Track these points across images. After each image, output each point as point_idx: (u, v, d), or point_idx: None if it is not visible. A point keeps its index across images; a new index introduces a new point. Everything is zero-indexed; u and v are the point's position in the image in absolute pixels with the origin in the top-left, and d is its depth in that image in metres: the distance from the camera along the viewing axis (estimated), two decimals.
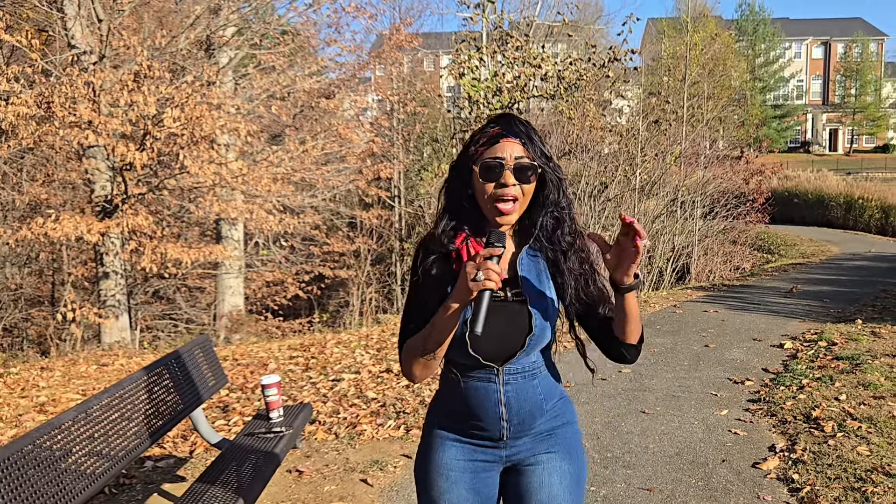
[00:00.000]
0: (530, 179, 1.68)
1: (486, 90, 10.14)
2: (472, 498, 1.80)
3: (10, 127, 8.60)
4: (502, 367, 1.73)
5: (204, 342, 3.97)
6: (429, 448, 1.85)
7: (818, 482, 3.63)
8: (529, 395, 1.76)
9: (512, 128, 1.70)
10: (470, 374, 1.75)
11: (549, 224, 1.76)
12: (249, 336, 11.43)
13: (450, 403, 1.82)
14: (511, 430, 1.77)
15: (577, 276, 1.77)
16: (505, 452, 1.81)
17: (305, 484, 3.93)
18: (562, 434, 1.84)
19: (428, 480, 1.83)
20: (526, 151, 1.68)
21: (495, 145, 1.68)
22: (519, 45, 10.37)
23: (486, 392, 1.74)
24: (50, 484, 2.40)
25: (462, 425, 1.81)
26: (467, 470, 1.81)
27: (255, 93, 12.07)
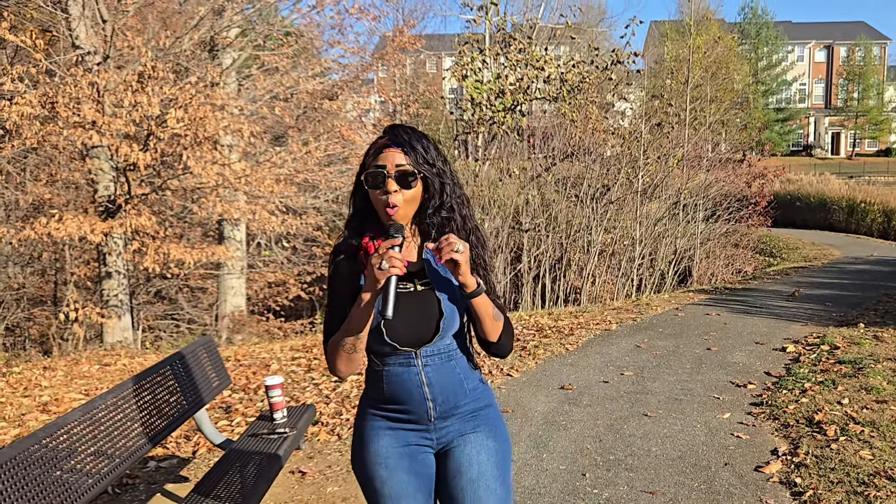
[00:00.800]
0: (411, 185, 1.80)
1: (488, 92, 10.15)
2: (414, 481, 1.88)
3: (14, 127, 8.62)
4: (419, 351, 1.84)
5: (208, 343, 3.97)
6: (363, 441, 1.92)
7: (821, 486, 3.63)
8: (449, 375, 1.87)
9: (396, 137, 1.83)
10: (390, 362, 1.86)
11: (438, 223, 1.88)
12: (251, 336, 11.44)
13: (376, 394, 1.90)
14: (437, 410, 1.86)
15: (475, 266, 1.89)
16: (435, 435, 1.90)
17: (308, 485, 3.93)
18: (485, 415, 1.94)
19: (368, 472, 1.90)
20: (407, 159, 1.80)
21: (380, 155, 1.81)
22: (522, 47, 10.39)
23: (407, 376, 1.84)
24: (54, 484, 2.40)
25: (391, 413, 1.89)
26: (404, 455, 1.89)
27: (259, 94, 12.09)
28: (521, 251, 13.33)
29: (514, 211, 13.36)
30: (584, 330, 8.00)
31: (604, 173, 13.94)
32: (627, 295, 13.34)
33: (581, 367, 6.29)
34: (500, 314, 1.89)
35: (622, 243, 14.29)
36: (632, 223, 14.18)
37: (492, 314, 1.85)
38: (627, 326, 8.25)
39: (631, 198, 14.18)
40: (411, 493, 1.87)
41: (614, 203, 14.02)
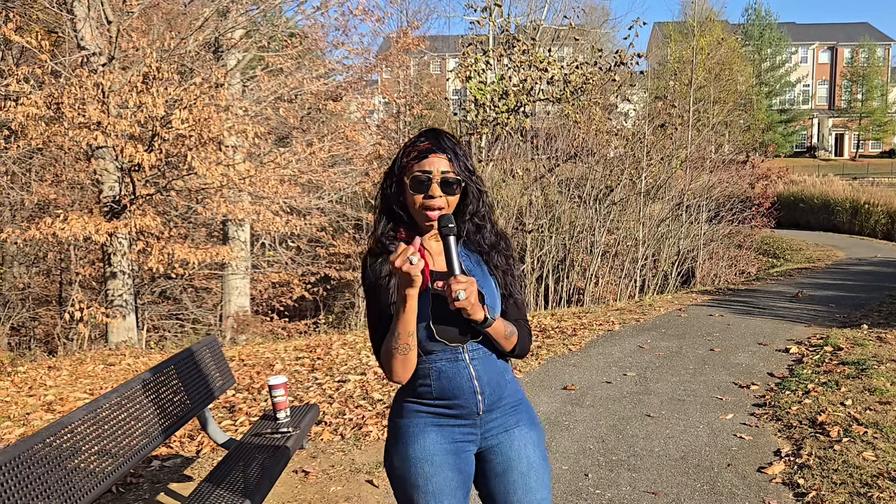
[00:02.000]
0: (455, 192, 1.87)
1: (492, 93, 10.16)
2: (456, 478, 1.91)
3: (20, 127, 8.65)
4: (465, 345, 1.88)
5: (212, 343, 3.99)
6: (405, 438, 1.92)
7: (824, 487, 3.63)
8: (493, 368, 1.92)
9: (440, 143, 1.88)
10: (437, 358, 1.88)
11: (471, 229, 1.96)
12: (255, 337, 11.46)
13: (422, 391, 1.91)
14: (486, 403, 1.90)
15: (503, 270, 1.98)
16: (480, 431, 1.93)
17: (312, 484, 3.94)
18: (523, 407, 2.01)
19: (411, 468, 1.89)
20: (451, 166, 1.86)
21: (424, 160, 1.86)
22: (525, 48, 10.39)
23: (457, 370, 1.88)
24: (59, 482, 2.42)
25: (439, 408, 1.91)
26: (450, 452, 1.91)
27: (263, 95, 12.11)
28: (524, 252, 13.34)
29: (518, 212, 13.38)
30: (587, 330, 8.01)
31: (607, 174, 13.95)
32: (630, 296, 13.34)
33: (584, 368, 6.29)
34: (514, 331, 1.93)
35: (625, 244, 14.30)
36: (635, 224, 14.18)
37: (504, 335, 1.89)
38: (630, 327, 8.25)
39: (634, 199, 14.19)
40: (453, 489, 1.90)
41: (617, 204, 14.03)
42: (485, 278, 1.93)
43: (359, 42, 19.09)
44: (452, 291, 1.72)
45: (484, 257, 1.97)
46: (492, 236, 1.97)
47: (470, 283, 1.75)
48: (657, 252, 14.87)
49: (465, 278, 1.74)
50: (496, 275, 1.96)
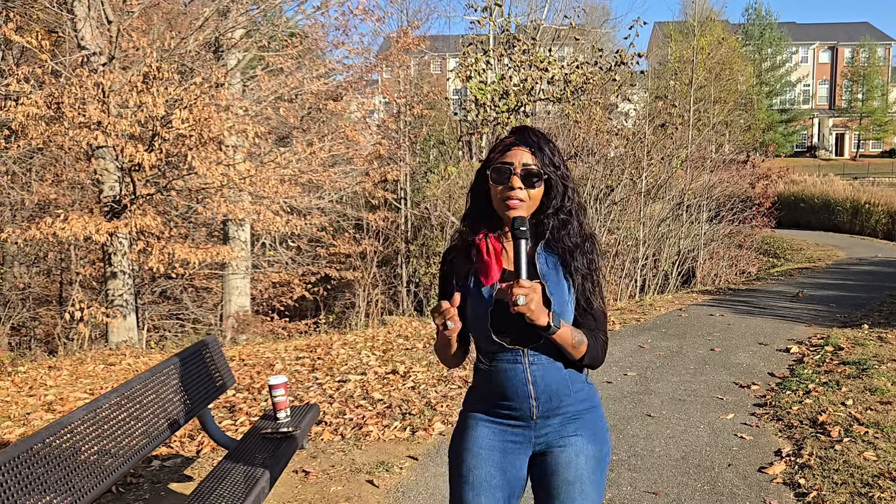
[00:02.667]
0: (535, 185, 1.85)
1: (492, 93, 10.15)
2: (499, 476, 1.93)
3: (20, 127, 8.64)
4: (527, 349, 1.86)
5: (212, 342, 3.98)
6: (462, 428, 2.00)
7: (825, 487, 3.62)
8: (555, 376, 1.89)
9: (525, 137, 1.88)
10: (498, 359, 1.89)
11: (556, 226, 1.91)
12: (255, 336, 11.45)
13: (482, 389, 1.96)
14: (540, 409, 1.89)
15: (583, 274, 1.91)
16: (534, 434, 1.93)
17: (312, 484, 3.94)
18: (588, 418, 1.96)
19: (458, 458, 1.97)
20: (534, 159, 1.85)
21: (507, 152, 1.87)
22: (526, 48, 10.38)
23: (514, 372, 1.88)
24: (59, 482, 2.41)
25: (494, 407, 1.94)
26: (496, 449, 1.93)
27: (263, 95, 12.11)
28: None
29: None
30: None
31: (607, 174, 13.93)
32: (631, 295, 13.34)
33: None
34: (583, 340, 1.87)
35: (626, 244, 14.28)
36: (635, 224, 14.17)
37: (571, 343, 1.85)
38: (631, 327, 8.24)
39: (634, 198, 14.18)
40: (493, 486, 1.92)
41: (618, 204, 14.01)
42: (558, 283, 1.89)
43: (359, 42, 19.09)
44: (513, 296, 1.71)
45: (564, 259, 1.91)
46: (576, 237, 1.91)
47: (533, 289, 1.73)
48: (658, 252, 14.86)
49: (528, 283, 1.73)
50: (574, 279, 1.91)
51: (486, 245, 1.88)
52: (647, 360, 6.54)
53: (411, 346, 7.36)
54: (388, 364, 6.46)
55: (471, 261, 1.91)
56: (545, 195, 1.89)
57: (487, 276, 1.87)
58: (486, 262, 1.87)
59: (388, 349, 7.23)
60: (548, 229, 1.91)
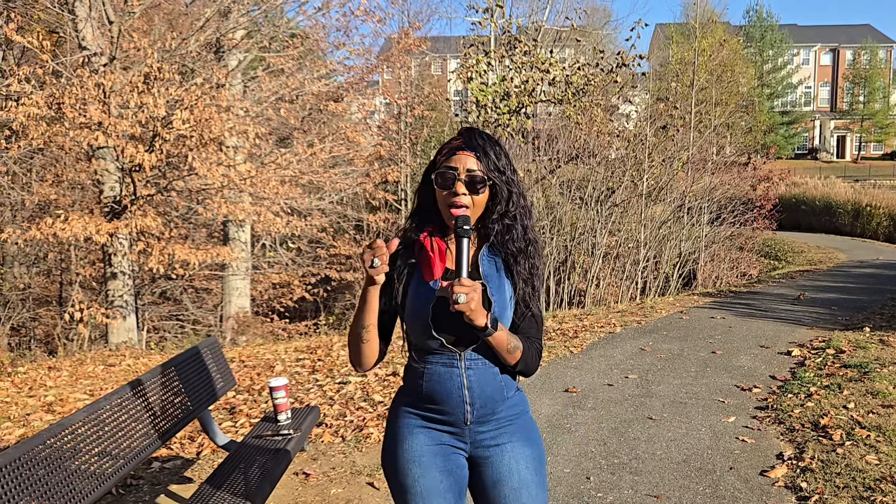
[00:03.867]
0: (479, 191, 1.83)
1: (493, 94, 10.14)
2: (446, 480, 1.90)
3: (21, 127, 8.65)
4: (464, 352, 1.85)
5: (212, 344, 3.98)
6: (397, 438, 1.94)
7: (826, 491, 3.61)
8: (490, 381, 1.87)
9: (470, 141, 1.85)
10: (432, 360, 1.88)
11: (500, 230, 1.89)
12: (256, 337, 11.45)
13: (415, 392, 1.92)
14: (474, 414, 1.87)
15: (525, 279, 1.90)
16: (469, 440, 1.91)
17: (312, 487, 3.93)
18: (520, 422, 1.95)
19: (400, 468, 1.91)
20: (479, 164, 1.83)
21: (453, 156, 1.84)
22: (527, 49, 10.38)
23: (449, 376, 1.86)
24: (59, 484, 2.40)
25: (428, 412, 1.91)
26: (438, 454, 1.90)
27: (264, 95, 12.10)
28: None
29: None
30: (588, 333, 7.99)
31: (608, 176, 13.92)
32: (632, 298, 13.33)
33: (585, 370, 6.27)
34: (518, 346, 1.86)
35: (627, 246, 14.27)
36: (636, 226, 14.16)
37: (506, 348, 1.84)
38: (632, 329, 8.23)
39: (635, 200, 14.16)
40: (442, 491, 1.89)
41: (619, 206, 14.00)
42: (500, 285, 1.88)
43: (360, 43, 19.04)
44: (454, 293, 1.69)
45: (508, 262, 1.90)
46: (521, 241, 1.90)
47: (473, 288, 1.71)
48: (658, 254, 14.84)
49: (469, 282, 1.71)
50: (516, 282, 1.90)
51: (431, 242, 1.86)
52: (648, 363, 6.53)
53: None
54: (389, 366, 6.45)
55: (413, 257, 1.89)
56: (490, 200, 1.86)
57: (430, 272, 1.85)
58: (430, 257, 1.84)
59: (389, 351, 7.22)
60: (492, 233, 1.89)
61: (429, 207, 1.92)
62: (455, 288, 1.70)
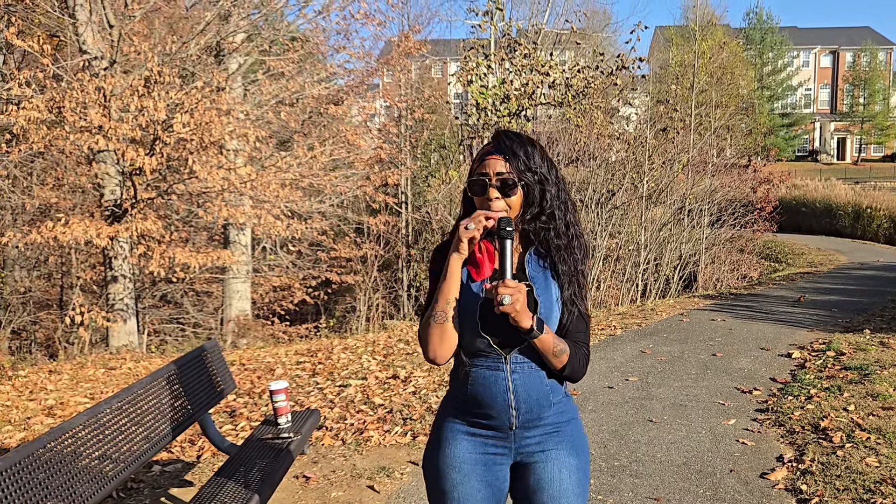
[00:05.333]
0: (511, 193, 1.83)
1: (493, 97, 10.16)
2: (484, 490, 1.90)
3: (22, 131, 8.65)
4: (509, 355, 1.83)
5: (212, 347, 3.98)
6: (440, 442, 1.94)
7: (827, 493, 3.61)
8: (536, 385, 1.86)
9: (499, 144, 1.87)
10: (478, 364, 1.86)
11: (540, 228, 1.88)
12: (256, 341, 11.45)
13: (461, 396, 1.91)
14: (520, 419, 1.86)
15: (569, 277, 1.88)
16: (515, 445, 1.89)
17: (312, 490, 3.93)
18: (568, 430, 1.93)
19: (440, 473, 1.92)
20: (508, 167, 1.83)
21: (483, 162, 1.86)
22: (527, 52, 10.39)
23: (494, 380, 1.84)
24: (60, 488, 2.41)
25: (472, 417, 1.89)
26: (479, 463, 1.90)
27: (264, 99, 12.11)
28: None
29: None
30: None
31: (608, 178, 13.93)
32: (632, 300, 13.33)
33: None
34: (565, 349, 1.84)
35: (627, 248, 14.27)
36: (637, 228, 14.16)
37: (552, 351, 1.82)
38: (632, 332, 8.23)
39: (636, 203, 14.17)
40: (480, 501, 1.89)
41: (619, 208, 14.00)
42: (546, 286, 1.86)
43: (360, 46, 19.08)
44: (499, 295, 1.70)
45: (552, 261, 1.89)
46: (563, 238, 1.88)
47: (518, 290, 1.71)
48: (659, 256, 14.84)
49: (514, 283, 1.72)
50: (562, 282, 1.88)
51: (479, 244, 1.86)
52: (648, 365, 6.53)
53: (412, 350, 7.35)
54: (389, 369, 6.46)
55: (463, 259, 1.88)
56: (525, 199, 1.86)
57: (479, 272, 1.85)
58: (479, 259, 1.85)
59: (389, 354, 7.22)
60: (533, 232, 1.88)
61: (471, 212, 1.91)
62: (500, 289, 1.70)
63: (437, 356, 1.85)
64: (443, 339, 1.84)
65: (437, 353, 1.85)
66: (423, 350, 1.87)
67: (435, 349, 1.85)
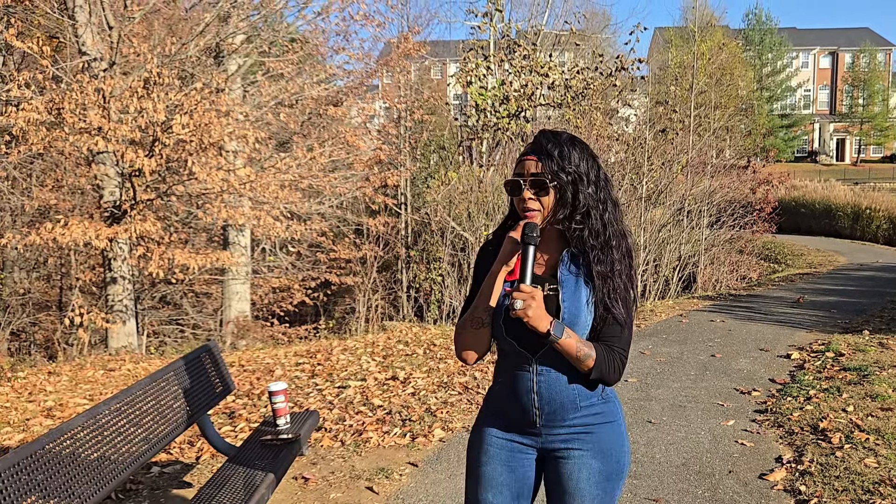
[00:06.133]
0: (545, 192, 1.85)
1: (493, 98, 10.17)
2: (507, 474, 1.98)
3: (21, 132, 8.65)
4: (536, 357, 1.88)
5: (212, 348, 3.98)
6: (476, 426, 2.07)
7: (826, 494, 3.61)
8: (562, 389, 1.89)
9: (534, 145, 1.90)
10: (508, 365, 1.95)
11: (573, 228, 1.88)
12: (255, 342, 11.44)
13: (495, 390, 2.02)
14: (543, 419, 1.91)
15: (604, 277, 1.86)
16: (540, 440, 1.96)
17: (311, 491, 3.93)
18: (600, 432, 1.93)
19: (472, 453, 2.05)
20: (541, 167, 1.85)
21: (520, 163, 1.91)
22: (526, 53, 10.41)
23: (520, 381, 1.91)
24: (59, 489, 2.41)
25: (503, 409, 1.98)
26: (504, 448, 1.99)
27: (264, 100, 12.12)
28: None
29: None
30: None
31: None
32: None
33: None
34: (590, 354, 1.82)
35: None
36: (636, 229, 14.16)
37: (575, 355, 1.82)
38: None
39: (635, 204, 14.17)
40: (500, 483, 1.97)
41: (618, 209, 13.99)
42: (576, 290, 1.86)
43: (360, 47, 19.09)
44: (513, 299, 1.74)
45: (590, 258, 1.87)
46: (599, 236, 1.86)
47: (531, 295, 1.74)
48: (658, 257, 14.84)
49: (528, 288, 1.74)
50: (596, 283, 1.86)
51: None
52: (647, 366, 6.53)
53: (411, 351, 7.35)
54: (389, 370, 6.46)
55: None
56: (559, 199, 1.85)
57: (512, 274, 1.90)
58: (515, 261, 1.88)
59: (389, 355, 7.22)
60: (568, 232, 1.89)
61: (514, 213, 1.97)
62: (514, 294, 1.75)
63: (468, 357, 1.97)
64: (476, 344, 1.94)
65: (469, 355, 1.97)
66: (455, 348, 1.98)
67: (465, 351, 1.97)
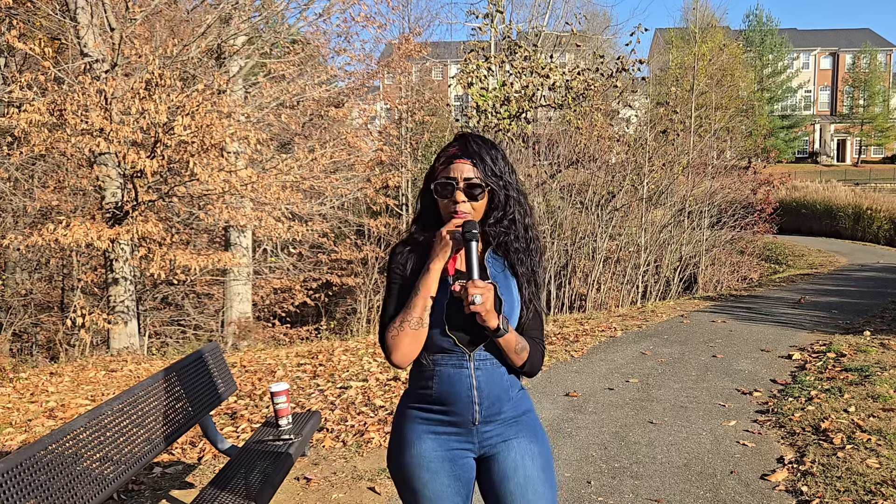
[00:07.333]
0: (478, 197, 1.87)
1: (494, 99, 10.16)
2: (453, 485, 1.94)
3: (23, 134, 8.67)
4: (473, 352, 1.88)
5: (213, 349, 3.99)
6: (405, 443, 1.96)
7: (827, 495, 3.61)
8: (497, 381, 1.91)
9: (466, 149, 1.89)
10: (442, 362, 1.90)
11: (501, 231, 1.93)
12: (257, 343, 11.45)
13: (423, 394, 1.94)
14: (482, 414, 1.90)
15: (528, 278, 1.95)
16: (477, 440, 1.94)
17: (313, 491, 3.93)
18: (525, 420, 1.99)
19: (409, 473, 1.94)
20: (475, 171, 1.87)
21: (450, 165, 1.89)
22: (527, 54, 10.40)
23: (458, 377, 1.88)
24: (61, 490, 2.41)
25: (436, 414, 1.93)
26: (446, 459, 1.93)
27: (265, 101, 12.13)
28: None
29: None
30: (589, 337, 8.00)
31: (609, 180, 13.95)
32: (633, 302, 13.33)
33: (586, 375, 6.28)
34: (526, 347, 1.91)
35: (627, 250, 14.29)
36: (637, 230, 14.18)
37: (514, 348, 1.89)
38: (633, 333, 8.24)
39: (636, 205, 14.18)
40: (450, 496, 1.94)
41: (619, 210, 14.02)
42: (507, 286, 1.93)
43: (361, 48, 19.10)
44: (469, 295, 1.74)
45: (511, 263, 1.95)
46: (522, 241, 1.95)
47: (487, 290, 1.77)
48: (659, 258, 14.86)
49: (483, 283, 1.77)
50: (521, 282, 1.94)
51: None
52: (648, 367, 6.53)
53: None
54: (390, 370, 6.46)
55: (424, 257, 1.90)
56: (489, 203, 1.90)
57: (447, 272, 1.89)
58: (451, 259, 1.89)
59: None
60: (494, 235, 1.93)
61: (432, 212, 1.96)
62: (470, 289, 1.75)
63: (405, 361, 1.88)
64: (415, 345, 1.87)
65: (406, 358, 1.88)
66: (388, 354, 1.88)
67: (405, 354, 1.87)
